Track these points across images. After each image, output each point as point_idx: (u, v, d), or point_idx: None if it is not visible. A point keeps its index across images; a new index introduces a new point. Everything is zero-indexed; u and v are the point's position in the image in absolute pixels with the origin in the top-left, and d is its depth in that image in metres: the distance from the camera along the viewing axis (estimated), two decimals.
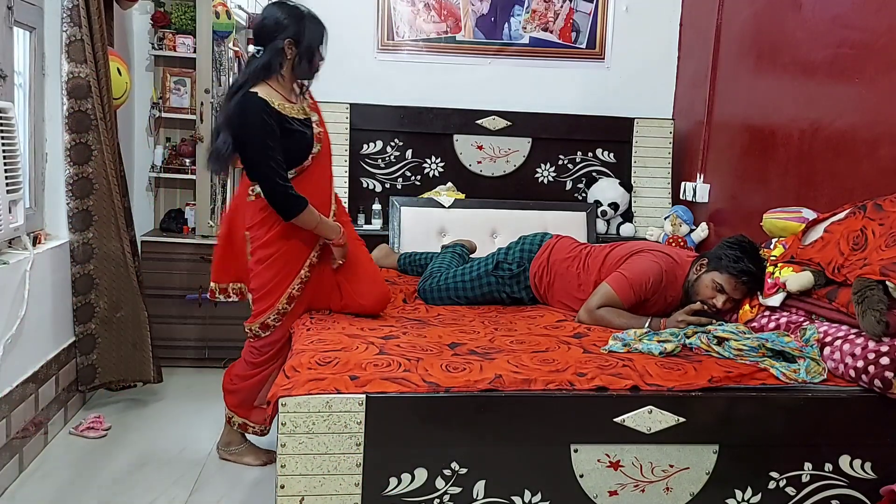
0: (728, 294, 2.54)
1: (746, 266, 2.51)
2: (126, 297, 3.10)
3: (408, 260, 3.39)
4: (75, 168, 2.93)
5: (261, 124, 2.34)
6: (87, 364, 3.06)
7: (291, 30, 2.41)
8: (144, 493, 2.50)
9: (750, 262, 2.52)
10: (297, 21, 2.42)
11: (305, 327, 2.42)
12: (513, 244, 3.02)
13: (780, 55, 3.22)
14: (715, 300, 2.55)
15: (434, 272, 3.01)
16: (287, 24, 2.41)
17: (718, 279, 2.54)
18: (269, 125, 2.35)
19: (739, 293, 2.55)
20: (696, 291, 2.60)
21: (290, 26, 2.41)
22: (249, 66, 2.45)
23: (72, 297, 2.99)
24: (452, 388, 1.94)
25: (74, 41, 2.84)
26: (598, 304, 2.59)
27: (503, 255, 2.96)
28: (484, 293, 2.90)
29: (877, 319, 2.02)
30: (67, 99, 2.87)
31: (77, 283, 2.99)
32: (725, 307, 2.56)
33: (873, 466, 2.09)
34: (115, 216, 3.03)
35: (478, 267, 2.95)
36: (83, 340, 3.04)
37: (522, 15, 4.10)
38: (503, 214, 3.81)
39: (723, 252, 2.57)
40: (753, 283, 2.53)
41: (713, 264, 2.57)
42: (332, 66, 3.97)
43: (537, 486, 1.98)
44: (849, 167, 2.75)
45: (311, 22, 2.46)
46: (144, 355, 3.17)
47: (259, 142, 2.33)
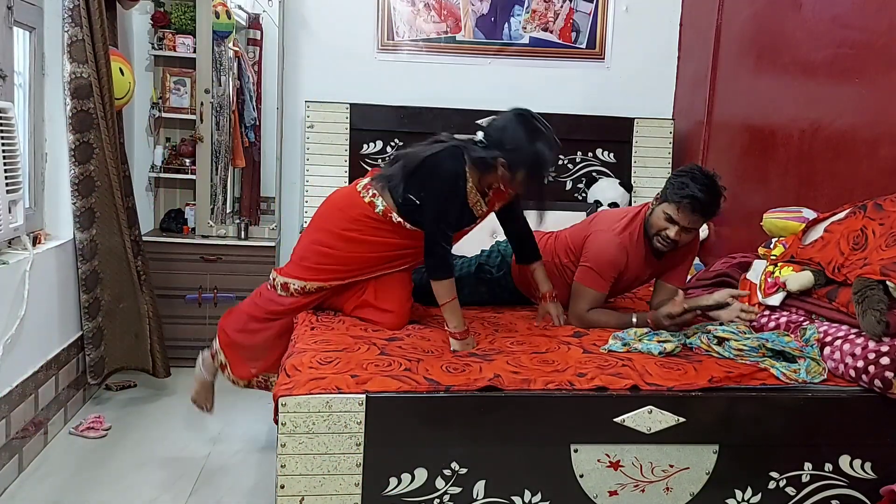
0: (678, 223, 2.45)
1: (691, 192, 2.40)
2: (128, 290, 3.15)
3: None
4: (80, 168, 2.94)
5: (453, 191, 2.34)
6: (98, 357, 3.09)
7: (512, 156, 2.27)
8: (144, 493, 2.50)
9: (697, 188, 2.40)
10: (526, 149, 2.26)
11: (309, 326, 2.42)
12: (493, 246, 3.01)
13: (780, 55, 3.22)
14: (668, 231, 2.47)
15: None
16: (512, 147, 2.27)
17: (667, 209, 2.47)
18: (457, 196, 2.35)
19: (689, 221, 2.44)
20: (651, 226, 2.55)
21: (515, 152, 2.27)
22: (469, 142, 2.37)
23: (82, 294, 3.02)
24: (452, 386, 1.94)
25: (76, 41, 2.84)
26: (585, 307, 2.57)
27: (485, 258, 2.95)
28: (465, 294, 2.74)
29: (877, 319, 2.02)
30: (71, 99, 2.87)
31: (87, 280, 3.02)
32: (680, 238, 2.47)
33: (873, 466, 2.09)
34: (117, 213, 3.07)
35: (460, 268, 2.92)
36: (94, 336, 3.07)
37: (522, 15, 4.10)
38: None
39: (670, 182, 2.50)
40: (702, 210, 2.42)
41: (662, 196, 2.52)
42: (332, 66, 4.02)
43: (537, 486, 1.98)
44: (849, 167, 2.75)
45: (542, 153, 2.28)
46: (146, 347, 3.23)
47: (443, 204, 2.34)
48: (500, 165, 2.31)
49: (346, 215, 2.49)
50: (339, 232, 2.49)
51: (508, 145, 2.28)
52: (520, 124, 2.31)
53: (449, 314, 2.31)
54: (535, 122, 2.32)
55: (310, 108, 3.84)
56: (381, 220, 2.45)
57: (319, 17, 3.98)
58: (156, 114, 3.79)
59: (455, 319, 2.30)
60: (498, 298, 2.91)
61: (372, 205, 2.45)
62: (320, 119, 3.83)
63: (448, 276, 2.34)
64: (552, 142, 2.31)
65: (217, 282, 3.66)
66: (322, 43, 3.98)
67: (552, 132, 2.34)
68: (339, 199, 2.57)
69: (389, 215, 2.43)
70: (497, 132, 2.33)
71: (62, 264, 2.93)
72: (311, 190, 3.84)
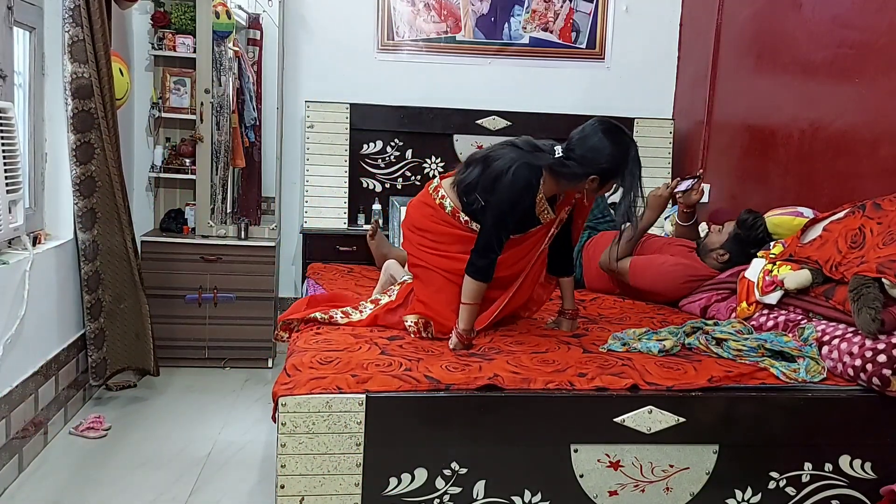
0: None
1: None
2: (128, 289, 3.16)
3: None
4: (82, 168, 2.94)
5: (519, 200, 2.30)
6: (101, 359, 3.10)
7: (604, 170, 2.24)
8: (144, 493, 2.50)
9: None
10: (616, 163, 2.24)
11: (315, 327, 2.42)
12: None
13: (780, 55, 3.22)
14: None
15: None
16: (604, 164, 2.23)
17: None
18: (522, 205, 2.31)
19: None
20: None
21: (606, 167, 2.24)
22: (551, 154, 2.31)
23: (85, 295, 3.02)
24: (452, 385, 1.94)
25: (77, 41, 2.84)
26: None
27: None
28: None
29: (872, 317, 2.03)
30: (72, 99, 2.87)
31: (88, 280, 3.02)
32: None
33: (873, 466, 2.09)
34: (118, 213, 3.07)
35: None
36: (96, 336, 3.07)
37: (522, 15, 4.10)
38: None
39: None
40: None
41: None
42: (332, 66, 4.02)
43: (537, 486, 1.99)
44: (849, 167, 2.76)
45: (631, 165, 2.25)
46: (147, 346, 3.23)
47: (505, 211, 2.30)
48: (590, 182, 2.27)
49: (422, 219, 2.50)
50: (422, 231, 2.48)
51: (601, 162, 2.23)
52: (609, 140, 2.25)
53: (465, 315, 2.30)
54: (623, 135, 2.28)
55: (310, 108, 3.84)
56: (451, 219, 2.46)
57: (319, 17, 3.98)
58: (156, 114, 3.79)
59: (468, 322, 2.30)
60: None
61: (441, 206, 2.47)
62: (320, 119, 3.83)
63: (484, 281, 2.32)
64: (637, 149, 2.28)
65: (217, 282, 3.66)
66: (322, 43, 3.99)
67: (634, 141, 2.32)
68: (414, 210, 2.55)
69: (457, 215, 2.45)
70: (585, 149, 2.26)
71: (62, 264, 2.93)
72: (311, 190, 3.84)
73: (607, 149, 2.23)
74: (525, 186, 2.29)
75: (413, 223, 2.53)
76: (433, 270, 2.45)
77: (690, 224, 3.29)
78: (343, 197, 3.86)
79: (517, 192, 2.29)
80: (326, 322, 2.45)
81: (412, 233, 2.52)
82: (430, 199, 2.50)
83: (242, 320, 3.69)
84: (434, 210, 2.48)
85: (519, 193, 2.29)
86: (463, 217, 2.43)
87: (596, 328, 2.54)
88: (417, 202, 2.56)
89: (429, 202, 2.50)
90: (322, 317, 2.45)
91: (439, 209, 2.47)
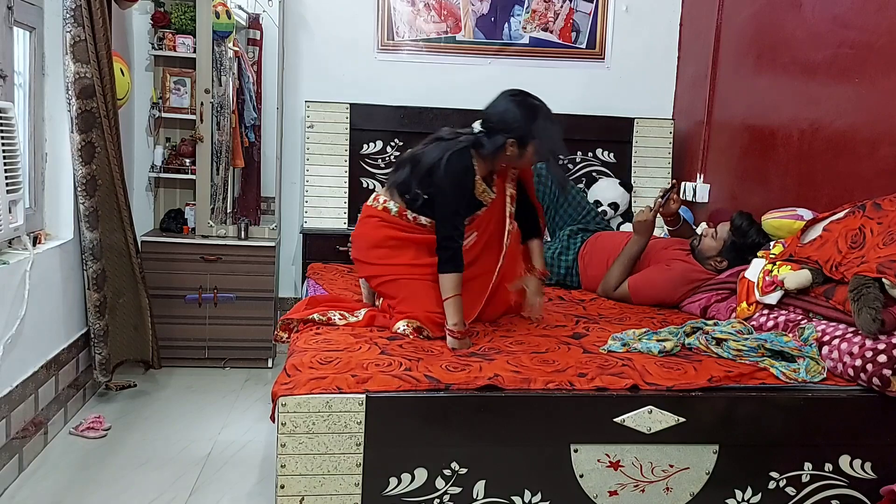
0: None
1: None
2: (127, 284, 3.18)
3: None
4: (85, 168, 2.94)
5: (461, 182, 2.41)
6: (108, 355, 3.11)
7: (518, 132, 2.38)
8: (144, 493, 2.50)
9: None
10: (527, 124, 2.38)
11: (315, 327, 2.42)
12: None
13: (780, 55, 3.22)
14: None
15: None
16: (517, 126, 2.37)
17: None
18: (466, 186, 2.43)
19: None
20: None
21: (519, 129, 2.38)
22: (471, 136, 2.43)
23: (93, 294, 3.03)
24: (452, 384, 1.94)
25: (79, 41, 2.84)
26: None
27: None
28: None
29: (872, 317, 2.03)
30: (76, 99, 2.87)
31: (97, 279, 3.03)
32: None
33: (873, 466, 2.09)
34: (119, 211, 3.09)
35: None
36: (104, 334, 3.08)
37: (522, 15, 4.10)
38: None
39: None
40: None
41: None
42: (332, 67, 4.02)
43: (537, 486, 1.99)
44: (849, 167, 2.76)
45: (542, 124, 2.39)
46: (146, 338, 3.25)
47: (453, 199, 2.40)
48: (509, 146, 2.40)
49: (370, 232, 2.55)
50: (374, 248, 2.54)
51: (513, 123, 2.38)
52: (516, 103, 2.42)
53: (450, 310, 2.32)
54: (530, 98, 2.44)
55: (310, 108, 3.84)
56: (399, 220, 2.51)
57: (319, 16, 3.98)
58: (156, 114, 3.79)
59: (455, 316, 2.31)
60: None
61: (386, 209, 2.52)
62: (320, 119, 3.83)
63: (456, 271, 2.36)
64: (549, 111, 2.44)
65: (217, 282, 3.66)
66: (322, 43, 3.99)
67: (544, 104, 2.46)
68: (360, 231, 2.60)
69: (404, 214, 2.50)
70: (497, 115, 2.41)
71: (63, 264, 2.93)
72: (311, 190, 3.84)
73: (516, 111, 2.39)
74: (463, 170, 2.40)
75: (364, 244, 2.57)
76: (400, 279, 2.49)
77: (678, 227, 3.33)
78: (343, 197, 3.86)
79: (458, 178, 2.39)
80: (324, 323, 2.45)
81: (367, 254, 2.56)
82: (372, 210, 2.57)
83: (242, 320, 3.69)
84: (380, 217, 2.53)
85: (460, 179, 2.40)
86: (410, 215, 2.49)
87: (596, 328, 2.54)
88: (361, 223, 2.61)
89: (372, 213, 2.56)
90: (320, 318, 2.46)
91: (385, 213, 2.53)
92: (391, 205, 2.52)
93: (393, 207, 2.51)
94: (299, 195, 4.00)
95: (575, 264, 3.30)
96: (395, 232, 2.52)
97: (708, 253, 3.01)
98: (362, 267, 2.61)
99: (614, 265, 3.07)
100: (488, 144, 2.40)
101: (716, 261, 2.98)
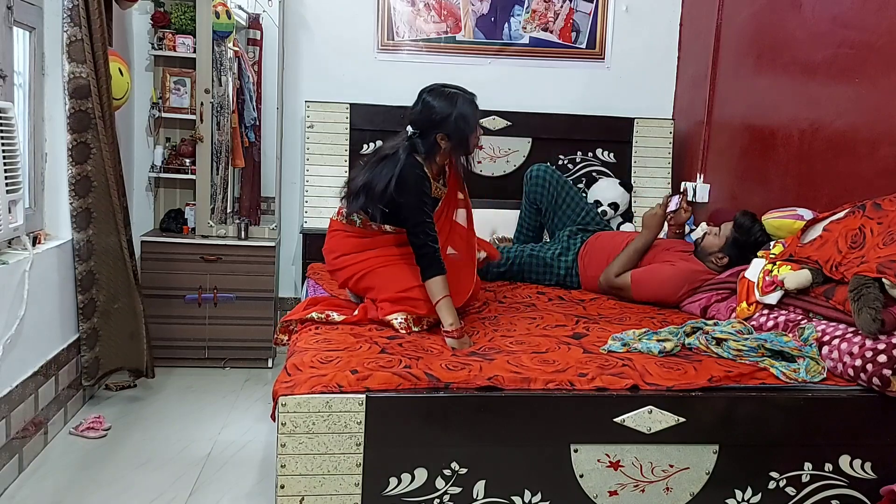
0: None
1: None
2: (123, 289, 3.13)
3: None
4: (77, 168, 2.93)
5: (420, 191, 2.49)
6: (93, 358, 3.08)
7: (444, 125, 2.48)
8: (144, 493, 2.50)
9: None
10: (449, 113, 2.48)
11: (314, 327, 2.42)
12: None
13: (780, 55, 3.22)
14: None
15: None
16: (440, 119, 2.48)
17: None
18: (425, 192, 2.50)
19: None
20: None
21: (444, 121, 2.48)
22: (407, 141, 2.53)
23: (78, 295, 3.01)
24: (452, 383, 1.94)
25: (75, 41, 2.84)
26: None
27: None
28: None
29: (872, 317, 2.03)
30: (69, 99, 2.87)
31: (82, 280, 3.01)
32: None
33: (873, 466, 2.09)
34: (114, 213, 3.05)
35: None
36: (89, 336, 3.06)
37: (522, 15, 4.10)
38: (503, 214, 3.82)
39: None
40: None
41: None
42: (332, 67, 4.02)
43: (537, 486, 1.99)
44: (849, 167, 2.76)
45: (464, 110, 2.49)
46: (140, 347, 3.21)
47: (418, 209, 2.47)
48: (440, 141, 2.50)
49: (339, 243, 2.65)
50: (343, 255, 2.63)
51: (436, 118, 2.48)
52: (435, 97, 2.52)
53: (443, 312, 2.37)
54: (445, 89, 2.54)
55: (310, 108, 3.84)
56: (363, 230, 2.63)
57: (319, 17, 3.98)
58: (156, 114, 3.79)
59: (450, 317, 2.36)
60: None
61: (351, 222, 2.64)
62: (320, 119, 3.83)
63: (440, 273, 2.42)
64: (468, 94, 2.55)
65: (217, 282, 3.66)
66: (322, 43, 3.99)
67: (462, 88, 2.57)
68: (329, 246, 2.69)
69: (368, 224, 2.62)
70: (422, 115, 2.52)
71: (62, 264, 2.93)
72: (311, 190, 3.84)
73: (434, 105, 2.50)
74: (418, 180, 2.48)
75: (334, 255, 2.66)
76: (374, 269, 2.58)
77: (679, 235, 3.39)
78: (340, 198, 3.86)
79: (416, 189, 2.46)
80: (324, 321, 2.46)
81: (338, 261, 2.64)
82: (337, 224, 2.68)
83: (242, 320, 3.69)
84: (345, 229, 2.65)
85: (418, 188, 2.47)
86: (375, 226, 2.60)
87: (596, 328, 2.54)
88: (329, 237, 2.70)
89: (337, 227, 2.67)
90: (319, 316, 2.47)
91: (349, 226, 2.64)
92: (355, 217, 2.62)
93: (357, 219, 2.63)
94: (299, 195, 4.00)
95: (575, 264, 3.30)
96: (361, 239, 2.63)
97: (710, 249, 3.02)
98: (337, 274, 2.68)
99: (619, 255, 3.10)
100: (422, 146, 2.51)
101: (717, 257, 2.98)
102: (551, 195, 3.56)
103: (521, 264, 3.36)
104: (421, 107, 2.54)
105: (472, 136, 2.55)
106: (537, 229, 3.68)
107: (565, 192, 3.57)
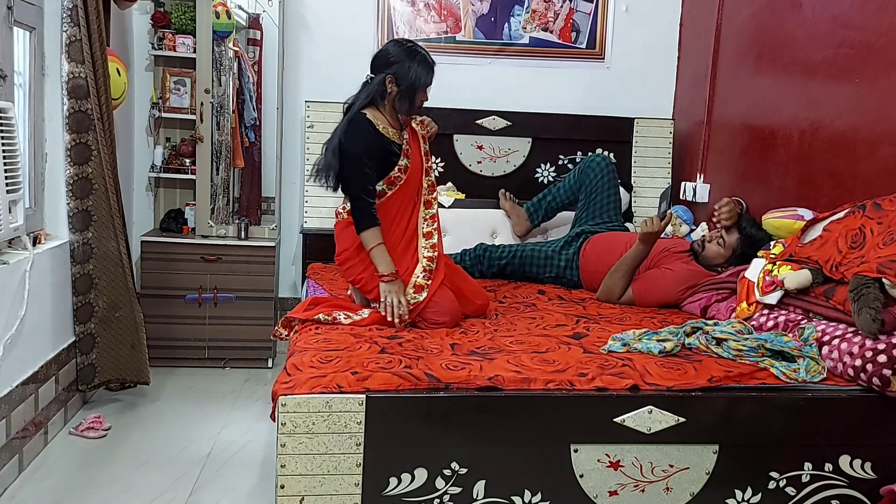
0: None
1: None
2: (123, 297, 3.10)
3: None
4: (76, 168, 2.93)
5: (363, 141, 2.54)
6: (87, 363, 3.06)
7: (396, 68, 2.56)
8: (144, 493, 2.50)
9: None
10: (404, 60, 2.56)
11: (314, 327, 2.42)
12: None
13: (780, 55, 3.22)
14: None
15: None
16: (394, 61, 2.56)
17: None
18: (370, 144, 2.54)
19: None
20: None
21: (396, 64, 2.56)
22: (361, 90, 2.63)
23: (72, 297, 2.99)
24: (452, 383, 1.94)
25: (74, 41, 2.84)
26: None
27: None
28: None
29: (872, 317, 2.03)
30: (68, 99, 2.87)
31: (77, 282, 2.99)
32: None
33: (873, 466, 2.09)
34: (113, 216, 3.03)
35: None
36: (83, 340, 3.04)
37: (522, 15, 4.10)
38: (503, 214, 3.82)
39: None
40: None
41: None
42: (332, 67, 4.01)
43: (537, 486, 1.99)
44: (849, 167, 2.76)
45: (418, 64, 2.56)
46: (142, 357, 3.17)
47: (357, 157, 2.53)
48: (388, 83, 2.56)
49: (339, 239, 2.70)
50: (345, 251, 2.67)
51: (389, 59, 2.57)
52: (395, 44, 2.62)
53: (378, 259, 2.52)
54: (410, 43, 2.62)
55: (310, 108, 3.84)
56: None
57: (319, 17, 3.98)
58: (156, 114, 3.79)
59: (383, 264, 2.51)
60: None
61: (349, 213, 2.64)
62: (320, 119, 3.83)
63: (373, 225, 2.52)
64: (431, 58, 2.62)
65: (217, 282, 3.66)
66: (322, 43, 3.98)
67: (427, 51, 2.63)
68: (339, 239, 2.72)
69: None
70: (379, 56, 2.62)
71: (62, 265, 2.93)
72: (311, 190, 3.84)
73: (392, 49, 2.59)
74: (362, 133, 2.54)
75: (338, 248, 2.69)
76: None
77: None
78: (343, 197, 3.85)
79: (359, 140, 2.52)
80: (330, 323, 2.46)
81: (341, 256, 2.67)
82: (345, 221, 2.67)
83: (242, 320, 3.69)
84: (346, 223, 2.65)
85: (362, 139, 2.53)
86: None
87: (596, 328, 2.54)
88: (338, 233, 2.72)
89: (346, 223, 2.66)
90: (325, 318, 2.47)
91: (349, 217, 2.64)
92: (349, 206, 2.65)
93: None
94: (299, 195, 4.00)
95: (575, 257, 3.33)
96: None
97: (715, 261, 3.02)
98: (345, 272, 2.72)
99: (615, 274, 3.04)
100: (371, 86, 2.57)
101: (723, 267, 3.00)
102: (600, 185, 3.58)
103: (522, 257, 3.39)
104: (381, 49, 2.65)
105: (419, 92, 2.60)
106: (556, 209, 3.71)
107: (610, 191, 3.59)
